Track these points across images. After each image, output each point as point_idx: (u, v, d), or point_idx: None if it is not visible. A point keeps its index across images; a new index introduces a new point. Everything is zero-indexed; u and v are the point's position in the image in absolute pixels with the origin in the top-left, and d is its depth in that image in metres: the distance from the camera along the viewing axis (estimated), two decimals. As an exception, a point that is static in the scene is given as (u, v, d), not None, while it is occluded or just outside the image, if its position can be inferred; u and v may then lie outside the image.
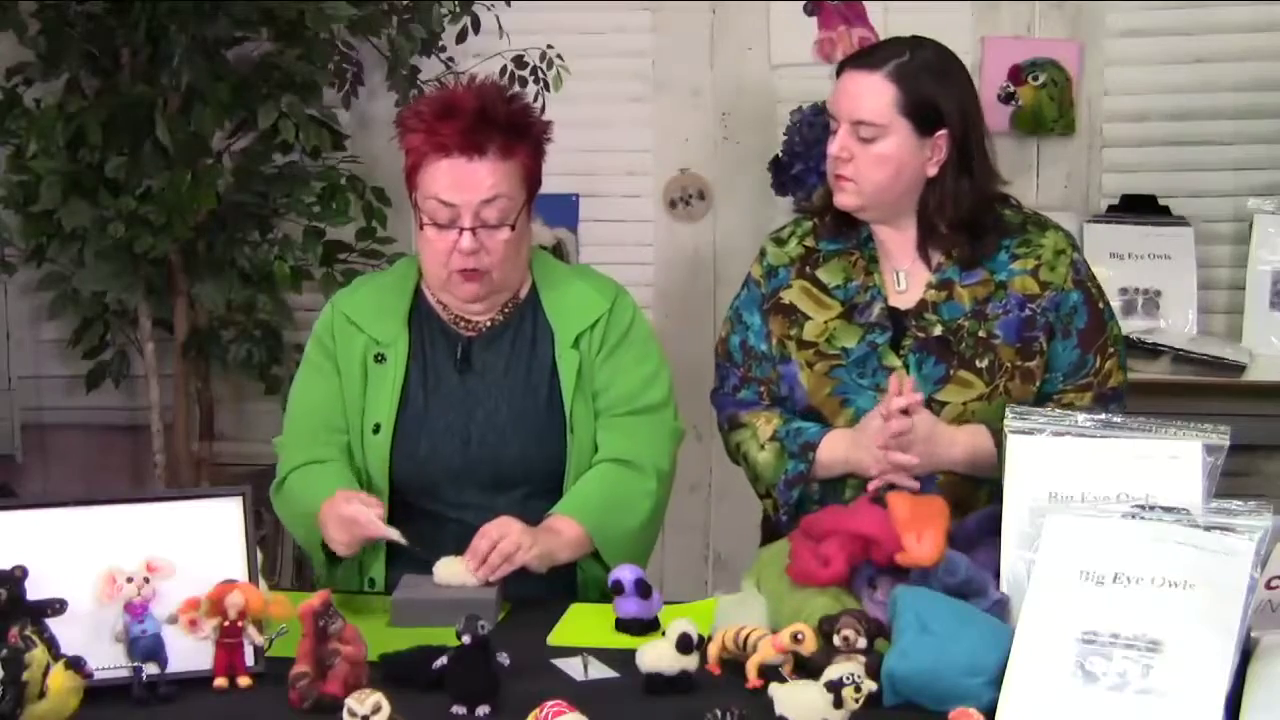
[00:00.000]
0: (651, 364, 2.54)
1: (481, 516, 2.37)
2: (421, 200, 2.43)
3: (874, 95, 2.44)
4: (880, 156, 2.44)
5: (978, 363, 2.44)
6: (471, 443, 2.45)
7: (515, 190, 2.42)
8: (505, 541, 2.29)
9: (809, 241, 2.60)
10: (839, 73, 2.52)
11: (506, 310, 2.52)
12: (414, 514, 2.46)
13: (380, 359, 2.48)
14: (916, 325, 2.47)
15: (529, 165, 2.45)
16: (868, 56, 2.51)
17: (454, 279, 2.43)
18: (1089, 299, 2.49)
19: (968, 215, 2.47)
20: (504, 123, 2.42)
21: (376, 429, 2.46)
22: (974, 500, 2.39)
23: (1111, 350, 2.51)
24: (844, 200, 2.49)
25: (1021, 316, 2.45)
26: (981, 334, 2.45)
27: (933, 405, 2.42)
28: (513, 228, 2.42)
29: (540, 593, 2.38)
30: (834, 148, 2.48)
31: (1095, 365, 2.48)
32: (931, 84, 2.45)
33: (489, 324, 2.51)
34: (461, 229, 2.38)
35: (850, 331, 2.50)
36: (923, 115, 2.43)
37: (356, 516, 2.30)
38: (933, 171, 2.47)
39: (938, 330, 2.46)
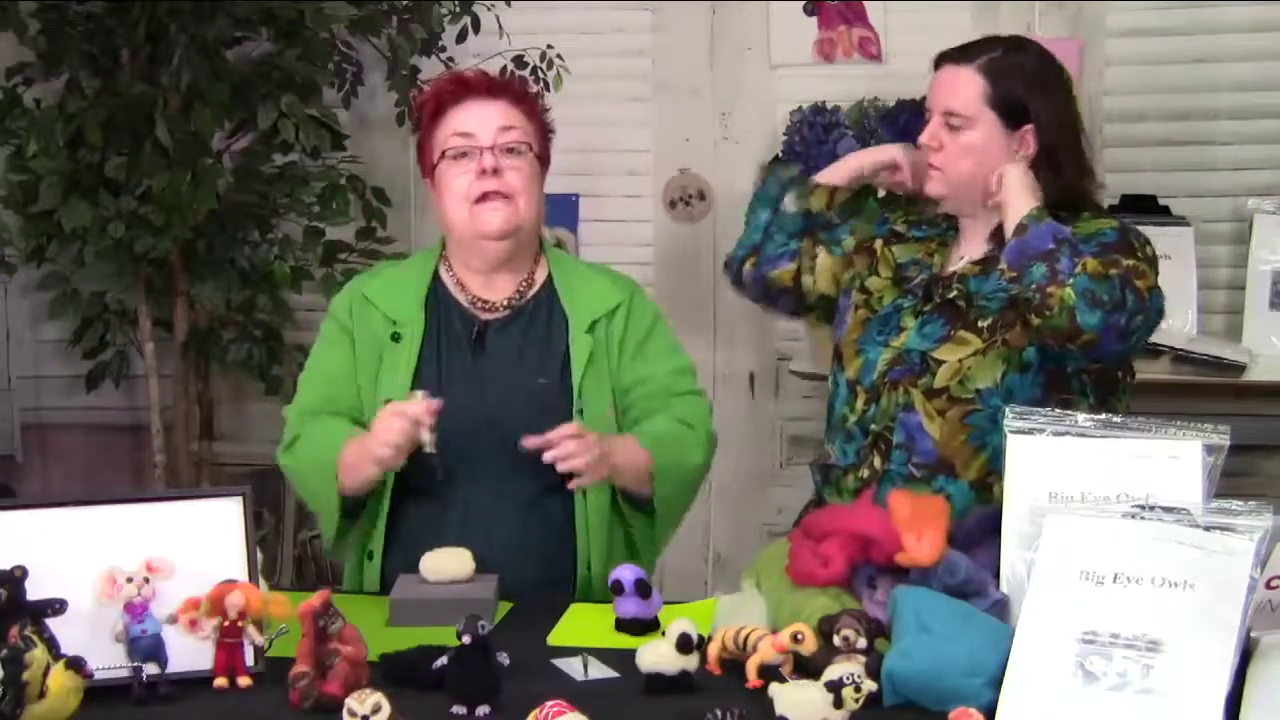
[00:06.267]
0: (684, 358, 2.61)
1: (485, 503, 2.42)
2: (440, 143, 2.50)
3: (964, 87, 2.52)
4: (966, 146, 2.51)
5: (980, 323, 2.47)
6: (481, 423, 2.45)
7: (529, 131, 2.52)
8: (577, 429, 2.33)
9: (901, 227, 2.68)
10: (936, 67, 2.59)
11: (522, 291, 2.55)
12: (418, 500, 2.47)
13: (396, 338, 2.50)
14: (939, 293, 2.53)
15: (540, 125, 2.56)
16: (962, 51, 2.58)
17: (477, 213, 2.47)
18: (1123, 231, 2.46)
19: (1052, 208, 2.48)
20: (517, 85, 2.62)
21: (388, 404, 2.47)
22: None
23: (1144, 266, 2.41)
24: (932, 189, 2.57)
25: None
26: (995, 303, 2.47)
27: (930, 362, 2.47)
28: (534, 154, 2.50)
29: (540, 592, 2.38)
30: (923, 136, 2.56)
31: (1121, 260, 2.40)
32: (1021, 80, 2.52)
33: (505, 303, 2.54)
34: (481, 149, 2.46)
35: (892, 294, 2.59)
36: (1010, 109, 2.50)
37: (405, 407, 2.33)
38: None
39: (954, 295, 2.51)
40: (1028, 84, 2.52)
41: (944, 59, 2.58)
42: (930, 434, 2.46)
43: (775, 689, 1.83)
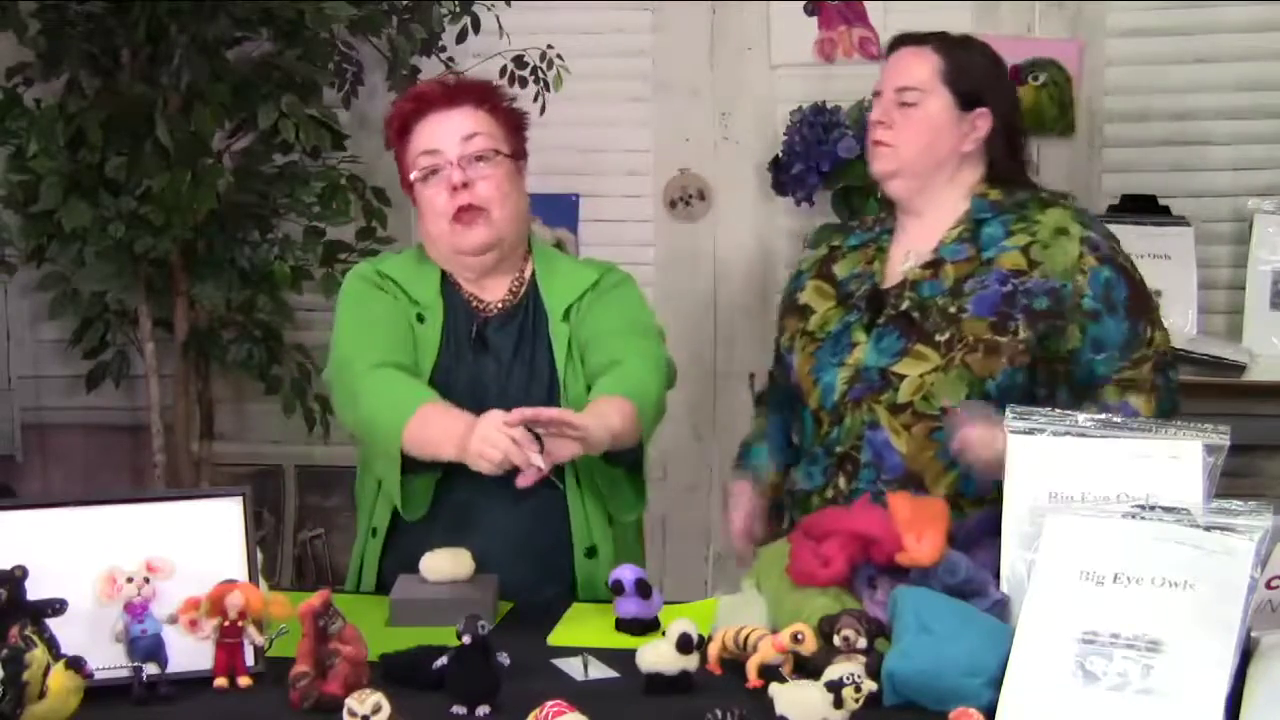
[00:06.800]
0: (646, 315, 2.58)
1: (482, 500, 2.41)
2: (412, 163, 2.50)
3: (918, 63, 2.53)
4: (919, 121, 2.51)
5: (937, 336, 2.44)
6: (476, 407, 2.39)
7: (495, 132, 2.50)
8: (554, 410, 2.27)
9: (835, 241, 2.67)
10: (889, 52, 2.60)
11: (514, 291, 2.55)
12: (418, 483, 2.45)
13: (421, 319, 2.51)
14: (891, 304, 2.50)
15: (508, 121, 2.54)
16: (912, 35, 2.60)
17: (456, 230, 2.47)
18: (1123, 271, 2.47)
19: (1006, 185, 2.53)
20: (478, 86, 2.57)
21: None
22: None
23: (1157, 315, 2.50)
24: (879, 166, 2.55)
25: (1001, 291, 2.43)
26: (952, 309, 2.44)
27: (890, 377, 2.44)
28: (503, 156, 2.48)
29: (540, 592, 2.39)
30: (875, 113, 2.55)
31: (1148, 335, 2.46)
32: (975, 65, 2.55)
33: (500, 306, 2.54)
34: (450, 164, 2.46)
35: (837, 315, 2.56)
36: (963, 89, 2.51)
37: (513, 432, 2.20)
38: (969, 147, 2.52)
39: (905, 306, 2.48)
40: (982, 69, 2.55)
41: (898, 43, 2.59)
42: (898, 449, 2.43)
43: (775, 689, 1.83)
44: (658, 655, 1.94)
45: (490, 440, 2.21)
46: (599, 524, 2.47)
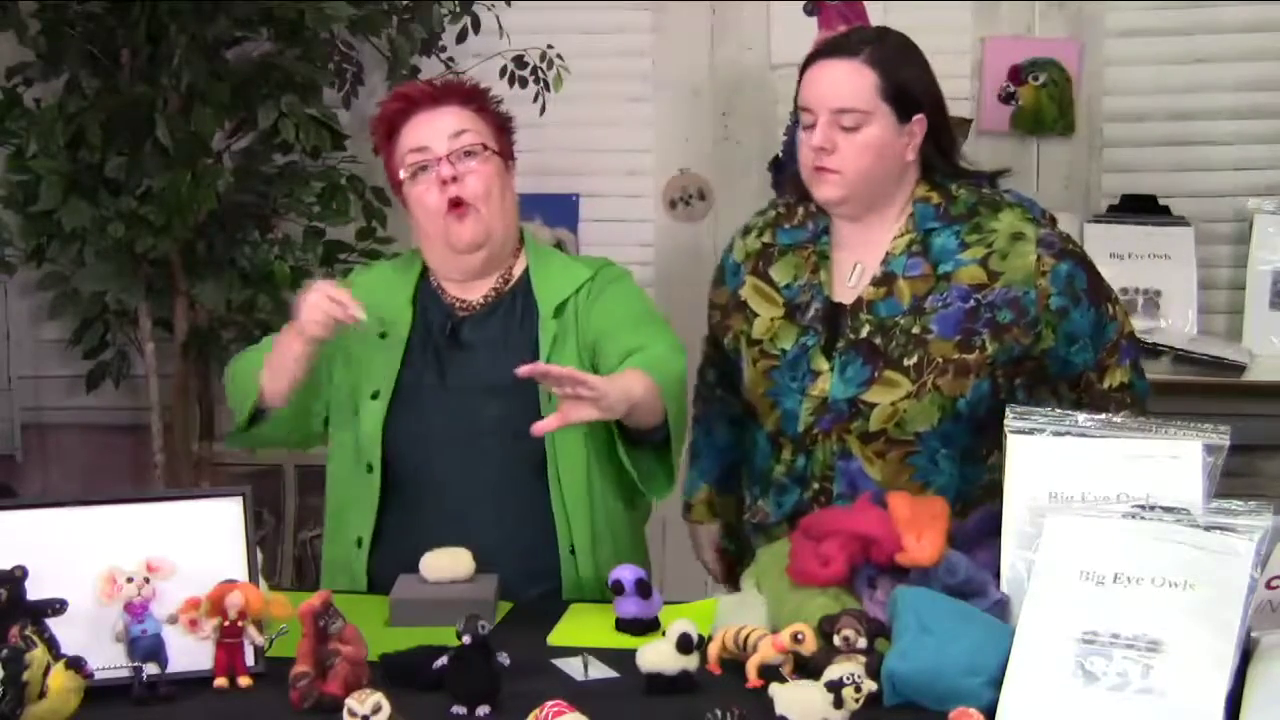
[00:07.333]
0: (651, 305, 2.59)
1: (461, 498, 2.42)
2: (400, 163, 2.51)
3: (854, 81, 2.39)
4: (864, 144, 2.39)
5: (905, 361, 2.39)
6: (453, 405, 2.46)
7: (483, 130, 2.51)
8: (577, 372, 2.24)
9: (766, 237, 2.58)
10: (806, 66, 2.47)
11: (499, 288, 2.55)
12: (401, 484, 2.48)
13: (383, 335, 2.52)
14: (850, 326, 2.44)
15: (495, 121, 2.55)
16: (840, 45, 2.47)
17: (449, 225, 2.47)
18: (1077, 259, 2.46)
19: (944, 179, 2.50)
20: (464, 86, 2.58)
21: (375, 395, 2.49)
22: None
23: (1114, 294, 2.52)
24: (827, 193, 2.44)
25: (964, 308, 2.40)
26: (915, 330, 2.40)
27: (860, 406, 2.40)
28: (492, 152, 2.49)
29: (528, 591, 2.39)
30: (816, 139, 2.40)
31: (1111, 311, 2.48)
32: (906, 68, 2.44)
33: (481, 303, 2.54)
34: (439, 159, 2.47)
35: (790, 332, 2.49)
36: (902, 100, 2.40)
37: (325, 288, 2.35)
38: (911, 156, 2.44)
39: (866, 331, 2.42)
40: (912, 72, 2.44)
41: (819, 56, 2.46)
42: (872, 477, 2.40)
43: (775, 689, 1.83)
44: (658, 655, 1.94)
45: (312, 303, 2.33)
46: (580, 521, 2.47)
